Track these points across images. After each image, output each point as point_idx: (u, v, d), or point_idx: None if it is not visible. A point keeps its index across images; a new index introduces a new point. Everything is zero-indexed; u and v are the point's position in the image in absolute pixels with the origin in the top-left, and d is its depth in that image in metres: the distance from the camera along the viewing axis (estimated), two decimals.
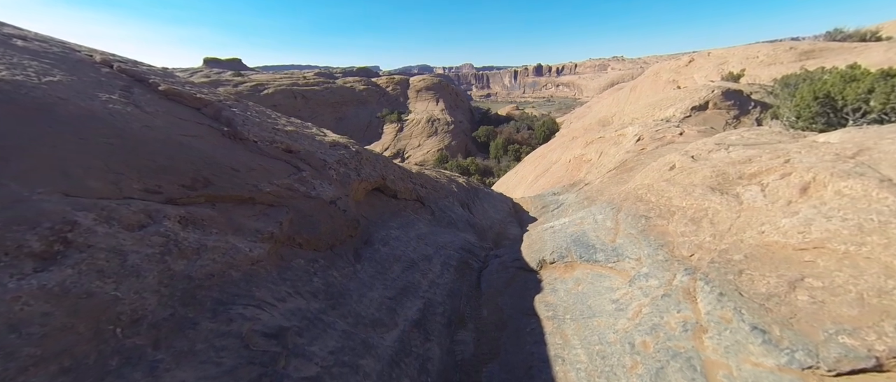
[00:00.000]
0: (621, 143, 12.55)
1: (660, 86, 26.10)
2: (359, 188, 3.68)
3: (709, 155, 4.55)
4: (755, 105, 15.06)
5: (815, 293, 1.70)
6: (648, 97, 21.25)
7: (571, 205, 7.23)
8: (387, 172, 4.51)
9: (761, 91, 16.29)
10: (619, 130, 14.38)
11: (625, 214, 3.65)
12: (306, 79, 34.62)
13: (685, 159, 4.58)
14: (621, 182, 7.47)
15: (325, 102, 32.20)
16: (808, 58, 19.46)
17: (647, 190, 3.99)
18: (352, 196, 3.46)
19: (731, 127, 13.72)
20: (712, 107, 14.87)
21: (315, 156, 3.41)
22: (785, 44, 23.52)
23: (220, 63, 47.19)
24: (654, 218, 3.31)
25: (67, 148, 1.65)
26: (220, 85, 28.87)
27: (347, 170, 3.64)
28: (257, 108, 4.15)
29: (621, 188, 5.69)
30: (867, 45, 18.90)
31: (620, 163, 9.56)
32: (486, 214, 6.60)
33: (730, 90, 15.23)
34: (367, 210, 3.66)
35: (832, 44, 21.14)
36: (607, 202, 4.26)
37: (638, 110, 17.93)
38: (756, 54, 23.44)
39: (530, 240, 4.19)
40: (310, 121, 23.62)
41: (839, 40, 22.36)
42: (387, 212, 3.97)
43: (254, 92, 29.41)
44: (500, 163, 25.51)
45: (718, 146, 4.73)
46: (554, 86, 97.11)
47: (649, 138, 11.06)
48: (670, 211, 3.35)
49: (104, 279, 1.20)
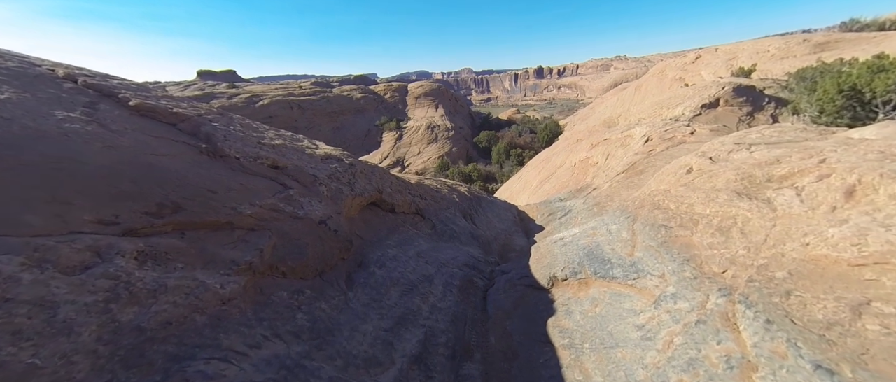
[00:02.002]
0: (629, 145, 12.33)
1: (666, 84, 25.96)
2: (352, 204, 3.47)
3: (729, 156, 4.32)
4: (769, 100, 14.80)
5: (888, 321, 1.46)
6: (655, 96, 21.08)
7: (580, 213, 6.98)
8: (383, 185, 4.31)
9: (775, 86, 16.02)
10: (626, 131, 14.18)
11: (642, 224, 3.41)
12: (302, 89, 34.76)
13: (703, 161, 4.35)
14: (632, 186, 7.23)
15: (321, 112, 32.25)
16: (823, 50, 19.05)
17: (664, 196, 3.75)
18: (344, 213, 3.26)
19: (745, 124, 13.45)
20: (724, 105, 14.64)
21: (304, 171, 3.22)
22: (797, 36, 23.19)
23: (215, 75, 47.56)
24: (676, 228, 3.08)
25: (2, 177, 1.46)
26: (213, 97, 29.00)
27: (340, 185, 3.44)
28: (243, 121, 3.97)
29: (634, 193, 5.46)
30: (887, 34, 18.45)
31: (629, 165, 9.33)
32: (490, 224, 6.37)
33: (741, 86, 15.01)
34: (361, 227, 3.44)
35: (848, 35, 20.74)
36: (620, 210, 4.03)
37: (644, 110, 17.73)
38: (767, 48, 23.20)
39: (539, 254, 3.95)
40: (306, 131, 24.31)
41: (856, 30, 21.95)
42: (384, 228, 3.76)
43: (249, 103, 29.51)
44: (503, 169, 25.31)
45: (738, 145, 4.50)
46: (556, 88, 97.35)
47: (658, 138, 10.84)
48: (692, 219, 3.11)
49: (19, 343, 0.99)
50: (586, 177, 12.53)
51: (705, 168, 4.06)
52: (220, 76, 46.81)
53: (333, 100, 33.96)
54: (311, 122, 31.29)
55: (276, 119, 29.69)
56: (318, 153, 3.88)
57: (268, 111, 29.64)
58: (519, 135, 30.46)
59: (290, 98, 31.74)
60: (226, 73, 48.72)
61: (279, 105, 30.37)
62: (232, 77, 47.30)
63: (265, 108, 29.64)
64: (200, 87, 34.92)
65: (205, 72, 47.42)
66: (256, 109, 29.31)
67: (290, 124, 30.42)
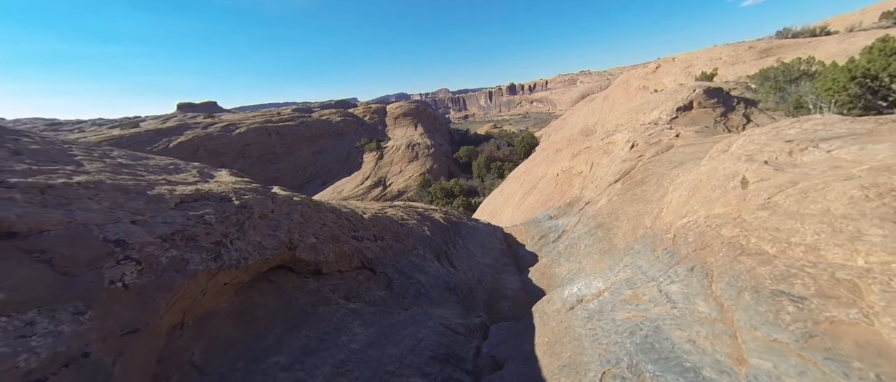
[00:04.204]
0: (613, 152, 11.06)
1: (631, 93, 25.57)
2: (216, 283, 1.77)
3: (794, 158, 2.90)
4: (738, 101, 14.07)
5: None
6: (627, 103, 20.32)
7: (581, 238, 5.44)
8: (304, 233, 2.62)
9: (739, 87, 15.53)
10: (607, 138, 12.97)
11: (730, 286, 1.84)
12: (280, 116, 32.72)
13: (758, 168, 2.90)
14: (638, 200, 5.76)
15: (301, 137, 30.22)
16: (768, 55, 19.51)
17: (736, 226, 2.24)
18: (186, 309, 1.56)
19: (721, 125, 12.52)
20: (697, 107, 13.77)
21: (84, 239, 1.51)
22: (744, 44, 23.78)
23: (195, 107, 44.76)
24: (815, 302, 1.52)
25: None
26: (188, 128, 26.66)
27: (188, 252, 1.74)
28: (47, 143, 2.24)
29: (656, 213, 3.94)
30: (820, 39, 19.09)
31: (622, 173, 7.92)
32: (473, 261, 4.72)
33: (711, 88, 14.28)
34: (224, 329, 1.73)
35: (786, 41, 21.35)
36: (667, 252, 2.46)
37: (620, 116, 16.76)
38: (719, 55, 23.45)
39: (550, 334, 2.33)
40: (285, 157, 22.16)
41: (791, 38, 22.72)
42: (281, 319, 2.05)
43: (225, 132, 27.25)
44: (484, 182, 23.92)
45: (791, 143, 3.09)
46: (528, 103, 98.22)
47: (644, 143, 9.56)
48: (836, 279, 1.57)
49: None
50: (572, 189, 11.14)
51: (774, 179, 2.59)
52: (201, 107, 44.18)
53: (312, 124, 32.02)
54: (291, 148, 29.17)
55: (254, 146, 27.49)
56: (178, 192, 2.16)
57: (245, 139, 27.44)
58: (497, 148, 29.32)
59: (268, 125, 29.64)
60: (206, 105, 46.12)
61: (256, 132, 28.22)
62: (212, 108, 44.77)
63: (242, 136, 27.43)
64: (180, 120, 32.33)
65: (185, 104, 44.71)
66: (233, 138, 27.07)
67: (268, 151, 28.21)
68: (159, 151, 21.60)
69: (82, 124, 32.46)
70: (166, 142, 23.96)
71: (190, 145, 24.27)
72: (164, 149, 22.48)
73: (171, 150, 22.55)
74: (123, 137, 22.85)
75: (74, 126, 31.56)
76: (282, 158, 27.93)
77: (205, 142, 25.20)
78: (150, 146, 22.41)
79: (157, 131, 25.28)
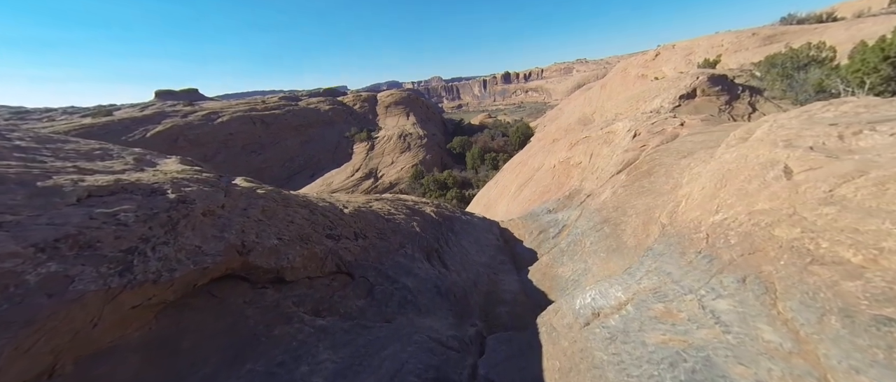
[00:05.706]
0: (613, 142, 10.69)
1: (630, 81, 25.18)
2: (113, 310, 1.32)
3: (847, 143, 2.51)
4: (743, 89, 13.78)
5: None
6: (626, 91, 19.94)
7: (586, 235, 5.06)
8: (263, 233, 2.16)
9: (743, 75, 15.21)
10: (606, 127, 12.61)
11: (811, 309, 1.43)
12: (266, 104, 31.66)
13: (806, 155, 2.52)
14: (647, 192, 5.39)
15: (287, 126, 29.28)
16: (772, 41, 19.14)
17: (795, 225, 1.85)
18: (54, 350, 1.11)
19: (725, 113, 12.22)
20: (701, 95, 13.44)
21: None
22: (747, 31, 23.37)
23: (175, 95, 43.11)
24: None
25: None
26: (166, 117, 25.55)
27: (81, 263, 1.27)
28: None
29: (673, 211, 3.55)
30: (826, 25, 18.77)
31: (626, 164, 7.55)
32: (467, 260, 4.31)
33: (715, 76, 13.95)
34: (128, 372, 1.28)
35: (791, 27, 21.05)
36: (705, 257, 2.06)
37: (620, 105, 16.38)
38: (721, 42, 23.03)
39: (562, 356, 1.93)
40: (271, 147, 21.14)
41: (796, 24, 22.44)
42: (221, 346, 1.61)
43: (206, 121, 26.22)
44: (479, 173, 23.51)
45: (848, 128, 2.70)
46: (523, 92, 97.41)
47: (647, 132, 9.21)
48: None
49: None
50: (571, 180, 10.78)
51: (829, 167, 2.21)
52: (181, 95, 42.60)
53: (300, 113, 31.06)
54: (277, 138, 28.26)
55: (237, 136, 26.54)
56: (87, 183, 1.68)
57: (228, 128, 26.46)
58: (492, 138, 28.84)
59: (253, 113, 28.64)
60: (187, 92, 44.51)
61: (240, 121, 27.23)
62: (193, 95, 43.23)
63: (225, 125, 26.44)
64: (158, 108, 31.01)
65: (164, 91, 43.09)
66: (215, 127, 26.09)
67: (253, 141, 27.24)
68: (135, 142, 20.59)
69: (52, 112, 30.99)
70: (143, 131, 22.89)
71: (168, 135, 23.25)
72: (141, 139, 21.45)
73: (148, 140, 21.54)
74: (95, 126, 21.74)
75: (43, 114, 30.08)
76: (268, 148, 27.01)
77: (184, 132, 24.17)
78: (125, 136, 21.37)
79: (132, 120, 24.14)
